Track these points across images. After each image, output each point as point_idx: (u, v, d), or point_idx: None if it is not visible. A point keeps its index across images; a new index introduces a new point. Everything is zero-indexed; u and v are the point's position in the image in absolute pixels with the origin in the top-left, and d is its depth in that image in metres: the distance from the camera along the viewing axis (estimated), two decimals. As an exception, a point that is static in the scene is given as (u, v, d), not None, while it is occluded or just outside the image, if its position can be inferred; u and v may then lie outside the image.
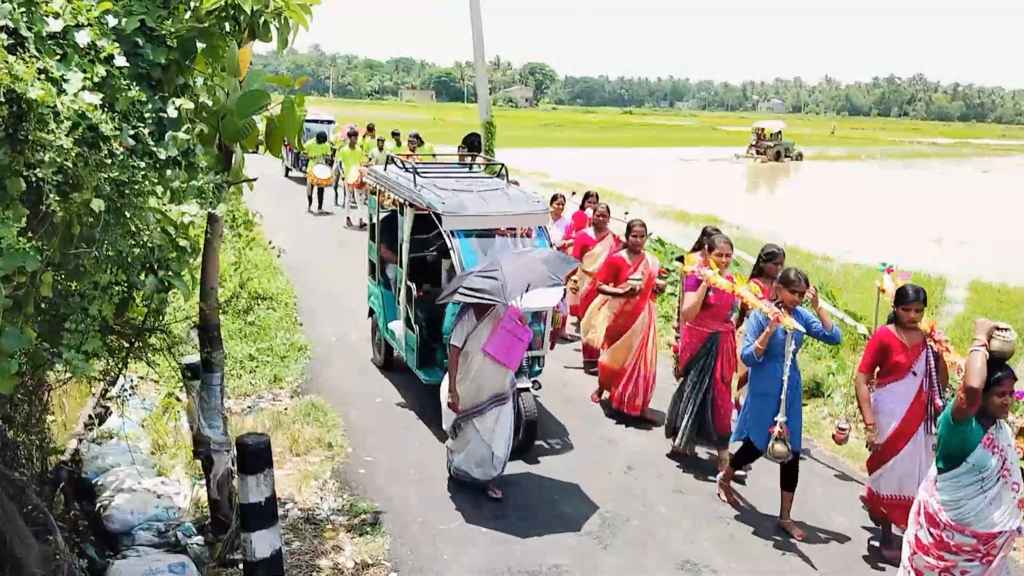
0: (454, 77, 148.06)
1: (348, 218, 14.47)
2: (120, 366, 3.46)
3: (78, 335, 2.45)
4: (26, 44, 2.25)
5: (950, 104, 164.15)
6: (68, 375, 3.47)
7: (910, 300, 4.39)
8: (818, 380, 7.05)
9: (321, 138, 16.21)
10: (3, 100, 2.07)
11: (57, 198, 2.19)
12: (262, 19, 3.13)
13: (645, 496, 5.13)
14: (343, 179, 14.87)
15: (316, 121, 21.01)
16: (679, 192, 23.36)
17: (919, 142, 69.50)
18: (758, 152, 40.88)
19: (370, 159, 14.35)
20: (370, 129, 17.01)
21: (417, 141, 14.80)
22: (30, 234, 2.14)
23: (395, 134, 16.37)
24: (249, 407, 6.33)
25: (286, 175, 20.85)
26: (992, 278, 13.14)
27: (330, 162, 15.80)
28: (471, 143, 13.61)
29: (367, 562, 4.24)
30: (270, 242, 5.01)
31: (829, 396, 6.91)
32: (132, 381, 4.53)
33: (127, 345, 3.32)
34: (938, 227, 19.74)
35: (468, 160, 10.14)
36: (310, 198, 15.89)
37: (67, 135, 2.18)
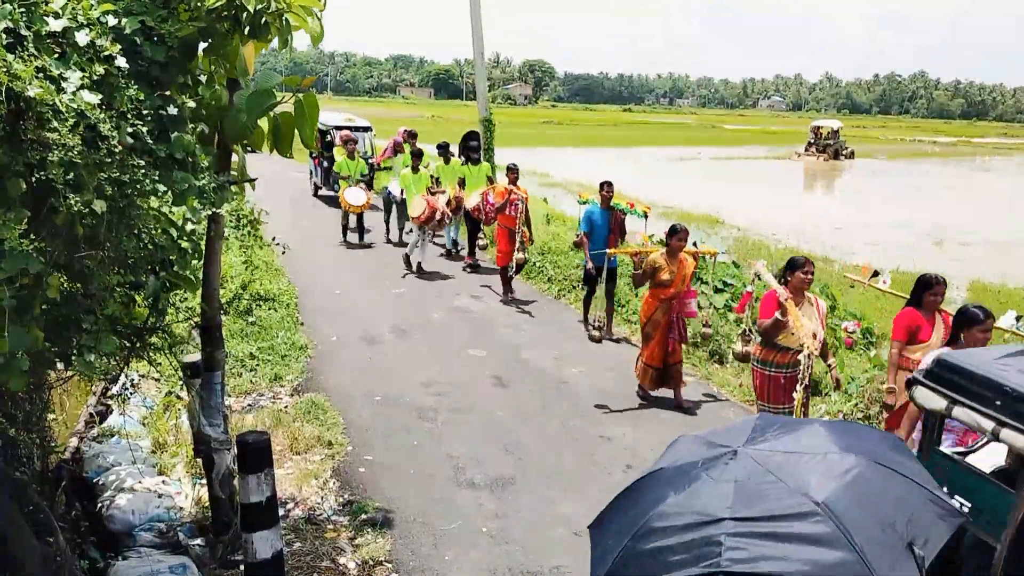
0: (453, 74, 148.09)
1: (410, 260, 11.13)
2: (121, 365, 3.45)
3: (93, 336, 2.45)
4: (25, 43, 2.24)
5: (951, 102, 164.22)
6: (69, 373, 3.47)
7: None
8: (816, 379, 7.05)
9: (350, 152, 12.74)
10: (1, 99, 2.06)
11: (70, 197, 2.18)
12: (263, 19, 3.12)
13: (646, 496, 5.12)
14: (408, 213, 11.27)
15: (348, 128, 16.41)
16: (687, 191, 23.32)
17: (919, 140, 69.48)
18: (818, 150, 42.66)
19: (434, 182, 11.06)
20: (412, 136, 13.15)
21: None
22: (32, 236, 2.14)
23: (473, 145, 12.06)
24: (249, 405, 6.33)
25: (315, 194, 17.53)
26: (992, 278, 13.15)
27: (368, 183, 12.80)
28: (469, 141, 13.51)
29: (368, 563, 4.23)
30: (273, 238, 4.89)
31: (827, 395, 6.91)
32: (133, 380, 4.54)
33: (128, 344, 3.31)
34: (939, 227, 19.75)
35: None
36: (345, 228, 12.70)
37: (68, 133, 2.17)
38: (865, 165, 41.65)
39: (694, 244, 7.42)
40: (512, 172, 9.80)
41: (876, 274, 6.13)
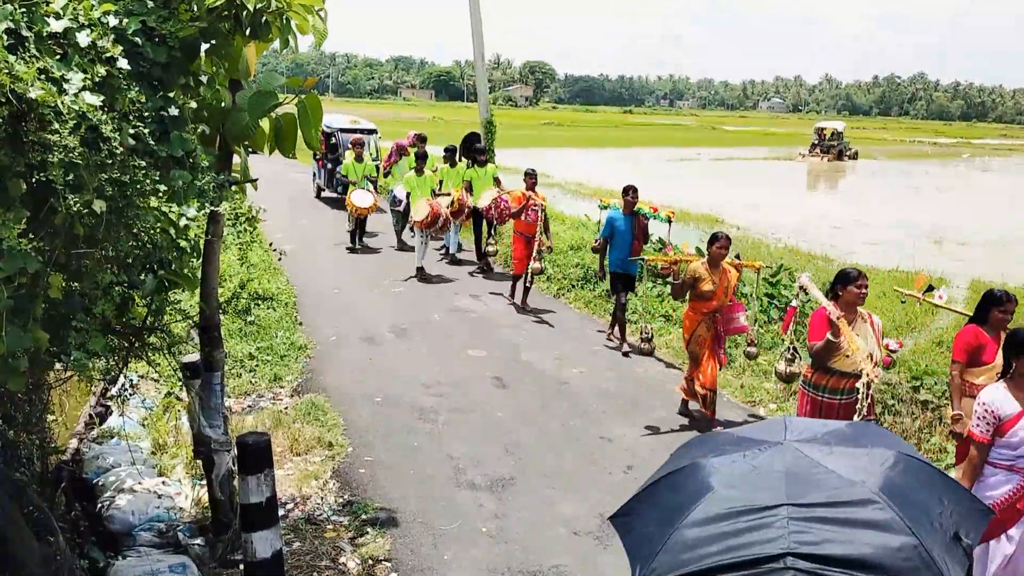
0: (454, 76, 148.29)
1: (420, 268, 10.87)
2: (120, 365, 3.46)
3: (83, 334, 2.46)
4: (27, 44, 2.25)
5: (951, 103, 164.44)
6: (68, 374, 3.48)
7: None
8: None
9: (358, 155, 12.48)
10: (3, 100, 2.07)
11: (69, 198, 2.18)
12: (263, 19, 3.13)
13: (645, 496, 5.12)
14: (410, 216, 11.11)
15: (353, 131, 16.24)
16: (686, 191, 23.33)
17: (919, 141, 69.54)
18: (822, 151, 42.95)
19: (440, 187, 11.04)
20: (421, 140, 12.37)
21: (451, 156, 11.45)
22: (31, 235, 2.14)
23: (479, 147, 11.74)
24: (249, 406, 6.33)
25: (318, 196, 17.51)
26: (992, 278, 13.14)
27: (373, 183, 12.61)
28: (470, 142, 13.49)
29: (368, 562, 4.24)
30: (271, 244, 4.91)
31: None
32: (132, 380, 4.53)
33: (127, 344, 3.32)
34: (938, 227, 19.76)
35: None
36: (353, 235, 12.32)
37: (69, 135, 2.18)
38: (866, 166, 41.72)
39: (736, 256, 6.66)
40: (530, 177, 9.35)
41: (931, 288, 5.44)
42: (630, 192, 7.88)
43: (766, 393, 7.08)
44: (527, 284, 9.35)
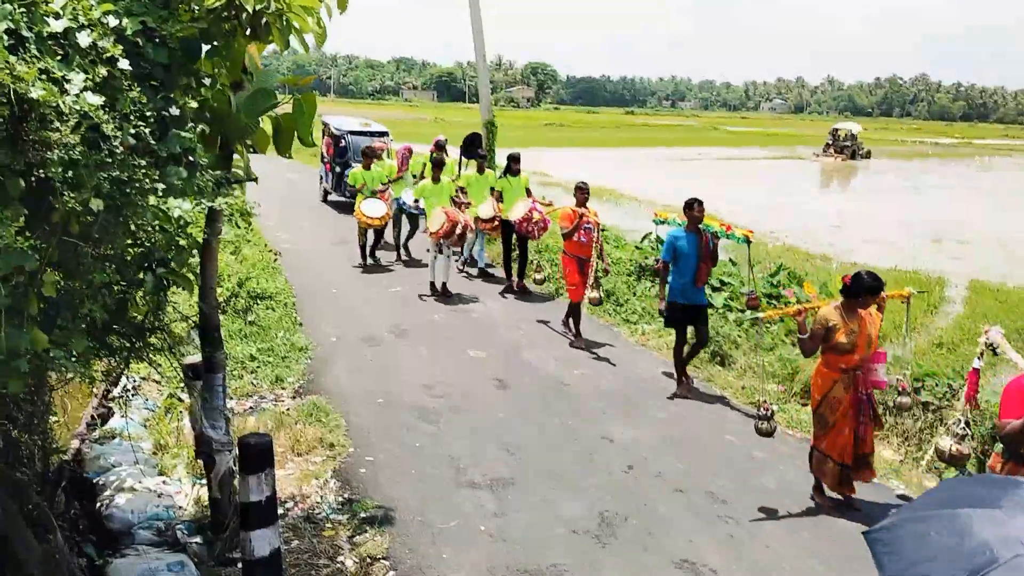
0: (455, 77, 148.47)
1: (438, 284, 9.98)
2: (122, 366, 3.47)
3: (66, 333, 2.46)
4: (27, 44, 2.26)
5: (952, 104, 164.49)
6: (70, 376, 3.49)
7: None
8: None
9: (366, 164, 11.36)
10: (3, 101, 2.08)
11: (67, 195, 2.19)
12: (263, 20, 3.14)
13: (645, 496, 5.13)
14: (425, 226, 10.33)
15: (363, 133, 15.80)
16: (687, 191, 23.29)
17: (921, 142, 69.47)
18: (836, 152, 44.11)
19: (459, 192, 10.32)
20: (439, 147, 11.69)
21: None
22: (27, 233, 2.15)
23: (515, 155, 10.49)
24: (251, 407, 6.34)
25: (324, 199, 17.01)
26: (992, 278, 13.13)
27: (382, 191, 11.40)
28: (472, 143, 13.48)
29: (366, 560, 4.24)
30: (266, 245, 4.93)
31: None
32: (135, 382, 4.56)
33: (128, 345, 3.33)
34: (938, 227, 19.74)
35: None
36: (363, 248, 11.27)
37: (71, 133, 2.19)
38: (868, 165, 41.71)
39: None
40: (582, 192, 8.24)
41: None
42: (695, 206, 6.75)
43: (768, 395, 7.08)
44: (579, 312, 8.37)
